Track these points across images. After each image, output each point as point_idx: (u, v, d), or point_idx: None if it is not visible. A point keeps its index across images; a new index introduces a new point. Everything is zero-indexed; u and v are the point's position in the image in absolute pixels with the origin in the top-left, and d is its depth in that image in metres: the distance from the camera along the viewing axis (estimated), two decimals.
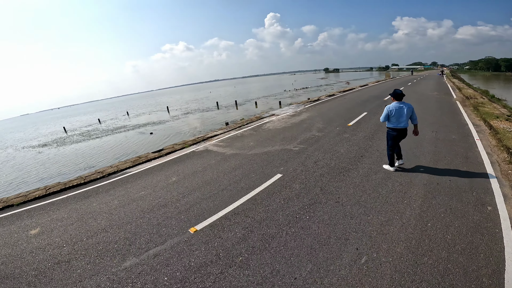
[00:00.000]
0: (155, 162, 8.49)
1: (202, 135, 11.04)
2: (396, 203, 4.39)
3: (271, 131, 10.38)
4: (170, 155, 9.04)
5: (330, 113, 12.78)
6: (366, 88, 24.53)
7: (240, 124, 12.30)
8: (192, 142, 10.00)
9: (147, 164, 8.45)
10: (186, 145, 9.70)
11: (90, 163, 15.83)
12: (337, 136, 8.78)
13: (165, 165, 8.01)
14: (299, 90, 51.69)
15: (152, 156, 9.02)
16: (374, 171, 5.79)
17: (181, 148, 9.46)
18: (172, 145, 10.13)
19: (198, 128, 24.09)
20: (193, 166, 7.53)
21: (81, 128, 38.72)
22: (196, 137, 10.69)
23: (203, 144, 9.76)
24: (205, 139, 10.22)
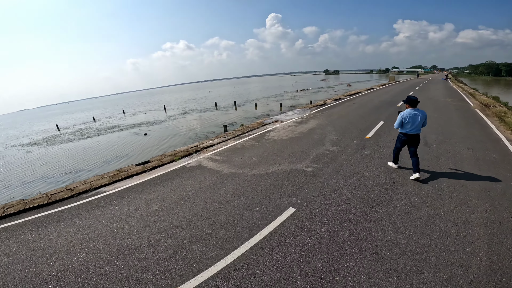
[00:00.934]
0: (137, 179, 6.94)
1: (196, 144, 9.42)
2: (456, 252, 3.32)
3: (277, 142, 8.78)
4: (156, 170, 7.46)
5: (341, 121, 11.24)
6: (373, 92, 22.87)
7: (240, 131, 10.72)
8: (183, 153, 8.40)
9: (127, 181, 6.89)
10: (176, 157, 8.13)
11: (77, 166, 14.55)
12: (356, 152, 7.24)
13: (148, 185, 6.45)
14: (300, 92, 50.22)
15: (135, 171, 7.46)
16: (416, 206, 4.40)
17: (169, 162, 7.88)
18: (160, 156, 8.55)
19: (194, 130, 22.63)
20: (182, 189, 5.97)
21: (75, 126, 37.21)
22: (189, 147, 9.08)
23: (196, 156, 8.15)
24: (198, 150, 8.59)
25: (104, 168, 13.75)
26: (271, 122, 11.95)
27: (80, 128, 33.61)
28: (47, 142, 26.31)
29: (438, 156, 6.59)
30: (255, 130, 10.78)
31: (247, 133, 10.50)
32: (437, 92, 21.68)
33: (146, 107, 53.38)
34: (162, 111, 41.00)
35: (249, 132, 10.62)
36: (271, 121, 12.11)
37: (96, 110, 70.35)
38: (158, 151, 16.37)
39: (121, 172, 7.58)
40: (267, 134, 10.08)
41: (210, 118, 28.06)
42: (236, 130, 11.17)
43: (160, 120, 30.58)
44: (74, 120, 47.51)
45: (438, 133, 8.62)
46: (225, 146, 8.90)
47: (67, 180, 12.08)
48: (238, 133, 10.25)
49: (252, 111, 29.69)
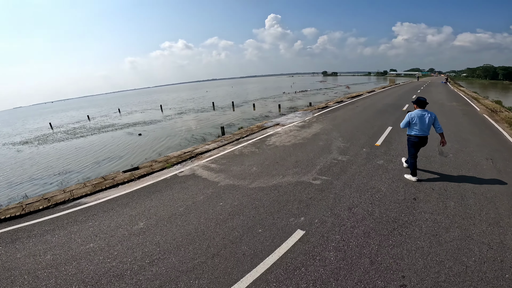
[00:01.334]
0: (123, 188, 6.17)
1: (190, 149, 8.63)
2: (495, 280, 2.87)
3: (279, 149, 8.00)
4: (145, 178, 6.68)
5: (347, 126, 10.53)
6: (375, 95, 22.16)
7: (238, 135, 9.95)
8: (176, 160, 7.62)
9: (111, 191, 6.12)
10: (168, 164, 7.35)
11: (67, 167, 13.88)
12: (367, 162, 6.53)
13: (134, 196, 5.69)
14: (298, 93, 49.56)
15: (121, 179, 6.69)
16: (444, 227, 3.83)
17: (160, 169, 7.10)
18: (150, 162, 7.76)
19: (191, 130, 21.87)
20: (172, 203, 5.22)
21: (68, 124, 36.26)
22: (182, 152, 8.29)
23: (189, 164, 7.36)
24: (193, 157, 7.80)
25: (94, 170, 13.06)
26: (271, 126, 11.24)
27: (73, 127, 32.72)
28: (39, 141, 25.52)
29: (457, 168, 5.97)
30: (255, 135, 10.03)
31: (246, 137, 9.73)
32: (440, 96, 21.16)
33: (143, 106, 52.44)
34: (158, 111, 40.14)
35: (248, 136, 9.86)
36: (272, 125, 11.39)
37: (92, 108, 69.18)
38: (152, 153, 15.62)
39: (105, 180, 6.82)
40: (268, 139, 9.31)
41: (207, 119, 27.31)
42: (234, 133, 10.40)
43: (156, 120, 29.76)
44: (68, 119, 46.50)
45: (452, 141, 8.01)
46: (222, 152, 8.12)
47: (55, 181, 11.45)
48: (236, 138, 9.48)
49: (250, 112, 28.98)
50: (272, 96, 45.89)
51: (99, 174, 11.63)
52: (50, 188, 10.55)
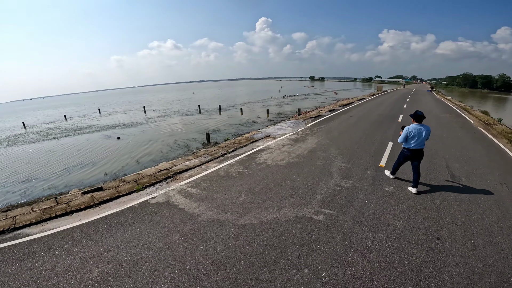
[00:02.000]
0: (78, 217, 4.91)
1: (167, 166, 7.21)
2: None
3: (271, 170, 6.79)
4: (107, 204, 5.37)
5: (344, 140, 9.48)
6: (366, 103, 21.27)
7: (224, 149, 8.64)
8: (149, 180, 6.29)
9: (63, 220, 4.88)
10: (139, 186, 6.02)
11: (34, 174, 12.58)
12: (375, 189, 5.51)
13: (90, 230, 4.45)
14: (287, 98, 48.85)
15: (78, 204, 5.34)
16: (477, 272, 3.21)
17: (128, 193, 5.77)
18: (117, 182, 6.39)
19: (174, 135, 20.42)
20: (139, 243, 3.98)
21: (43, 124, 33.68)
22: (157, 170, 6.93)
23: (165, 186, 6.06)
24: (169, 177, 6.49)
25: (63, 178, 11.70)
26: (261, 138, 10.09)
27: (47, 127, 30.35)
28: (8, 142, 23.30)
29: (474, 195, 5.27)
30: (243, 149, 8.80)
31: (233, 152, 8.51)
32: (430, 105, 20.84)
33: (126, 107, 50.00)
34: (141, 112, 38.16)
35: (236, 151, 8.64)
36: (262, 136, 10.26)
37: (72, 107, 65.60)
38: (129, 161, 14.17)
39: (58, 205, 5.45)
40: (258, 155, 8.09)
41: (192, 123, 25.86)
42: (220, 146, 9.07)
43: (137, 122, 27.97)
44: (44, 118, 43.48)
45: (460, 161, 7.28)
46: (204, 171, 6.83)
47: (18, 190, 10.30)
48: (221, 152, 8.20)
49: (237, 117, 27.79)
50: (260, 100, 44.89)
51: (68, 183, 10.58)
52: (12, 198, 9.32)
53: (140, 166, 12.84)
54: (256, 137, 9.99)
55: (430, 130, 5.22)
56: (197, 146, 16.85)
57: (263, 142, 9.56)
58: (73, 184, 10.47)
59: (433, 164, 6.96)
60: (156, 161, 14.34)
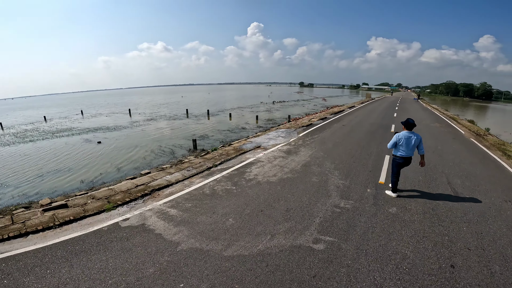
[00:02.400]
0: (34, 240, 4.19)
1: (145, 180, 6.33)
2: None
3: (262, 188, 6.05)
4: (70, 225, 4.57)
5: (339, 153, 8.90)
6: (357, 111, 20.84)
7: (211, 161, 7.86)
8: (123, 197, 5.44)
9: (16, 242, 4.19)
10: (110, 204, 5.18)
11: (4, 180, 11.77)
12: (378, 211, 4.94)
13: (46, 256, 3.74)
14: (276, 104, 48.55)
15: (36, 224, 4.49)
16: None
17: (97, 212, 4.96)
18: (85, 198, 5.52)
19: (159, 141, 19.48)
20: (105, 276, 3.27)
21: (20, 126, 31.81)
22: (133, 185, 6.06)
23: (140, 205, 5.25)
24: (147, 194, 5.69)
25: (35, 184, 10.93)
26: (251, 149, 9.31)
27: (25, 129, 28.65)
28: None
29: (482, 215, 4.90)
30: (231, 161, 8.04)
31: (220, 165, 7.72)
32: (419, 115, 20.84)
33: (111, 109, 48.24)
34: (126, 115, 36.78)
35: (223, 163, 7.83)
36: (252, 147, 9.52)
37: (53, 108, 62.83)
38: (109, 168, 13.23)
39: (13, 224, 4.61)
40: (248, 169, 7.30)
41: (179, 128, 24.92)
42: (206, 158, 8.18)
43: (121, 126, 26.74)
44: (23, 118, 41.23)
45: (460, 176, 6.94)
46: (187, 188, 6.02)
47: None
48: (207, 165, 7.37)
49: (226, 122, 27.08)
50: (250, 106, 44.36)
51: (40, 191, 10.02)
52: None
53: (120, 174, 12.13)
54: (245, 148, 9.31)
55: (421, 138, 5.21)
56: (183, 153, 16.02)
57: (253, 154, 8.81)
58: (45, 193, 9.83)
59: (434, 180, 6.53)
60: (138, 168, 13.44)
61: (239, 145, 9.64)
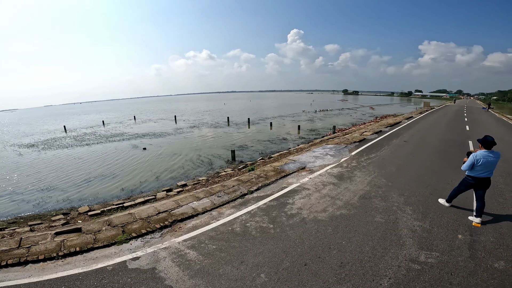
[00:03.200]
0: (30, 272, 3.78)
1: (169, 206, 5.33)
2: None
3: (308, 228, 4.57)
4: (75, 257, 3.86)
5: (407, 179, 6.92)
6: (417, 123, 17.46)
7: (246, 184, 6.67)
8: (139, 228, 4.56)
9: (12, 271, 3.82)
10: (123, 236, 4.35)
11: (54, 182, 12.74)
12: (478, 268, 3.29)
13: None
14: (319, 112, 46.25)
15: (38, 252, 3.87)
16: None
17: (107, 245, 4.16)
18: (101, 224, 4.82)
19: (199, 149, 19.31)
20: None
21: (81, 129, 35.31)
22: (155, 212, 5.12)
23: (157, 241, 4.31)
24: (166, 226, 4.78)
25: (81, 189, 11.49)
26: (294, 171, 7.75)
27: (84, 132, 31.61)
28: (45, 145, 24.47)
29: None
30: (270, 187, 6.61)
31: (257, 191, 6.39)
32: (499, 129, 16.92)
33: (159, 115, 51.16)
34: (172, 121, 38.37)
35: (260, 189, 6.50)
36: (295, 168, 7.99)
37: (112, 113, 69.32)
38: (149, 176, 13.40)
39: (18, 248, 4.09)
40: (290, 199, 5.84)
41: (219, 136, 24.68)
42: (241, 180, 6.75)
43: (166, 133, 27.63)
44: (86, 122, 45.97)
45: None
46: (214, 222, 4.94)
47: (33, 200, 10.36)
48: (241, 190, 6.23)
49: (266, 132, 26.09)
50: (291, 114, 42.86)
51: (82, 197, 10.54)
52: (24, 207, 9.46)
53: (159, 184, 12.11)
54: (287, 169, 7.87)
55: (500, 156, 4.52)
56: (221, 164, 15.38)
57: (297, 178, 7.21)
58: (86, 199, 10.29)
59: None
60: (175, 179, 13.13)
61: (280, 164, 8.24)
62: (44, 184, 12.64)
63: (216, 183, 11.22)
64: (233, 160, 15.91)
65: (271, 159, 14.65)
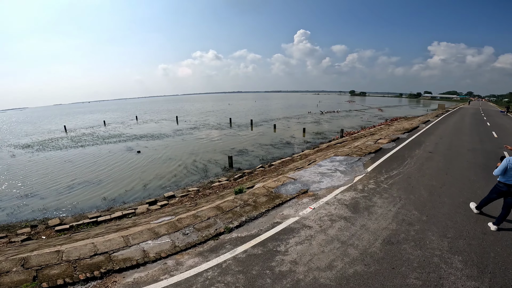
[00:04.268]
0: None
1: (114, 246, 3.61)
2: None
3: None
4: None
5: (447, 210, 4.95)
6: (437, 128, 15.07)
7: (226, 216, 4.85)
8: (57, 276, 2.88)
9: None
10: (32, 285, 2.88)
11: (36, 188, 11.99)
12: None
13: None
14: (325, 114, 44.35)
15: None
16: None
17: None
18: (16, 262, 3.31)
19: (195, 154, 18.00)
20: None
21: (81, 129, 34.51)
22: (91, 253, 3.40)
23: None
24: (94, 278, 3.13)
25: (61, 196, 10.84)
26: (294, 196, 5.72)
27: (83, 133, 30.76)
28: (40, 146, 23.82)
29: None
30: (257, 222, 4.71)
31: (237, 229, 4.49)
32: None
33: (162, 115, 50.12)
34: (174, 122, 37.14)
35: (243, 225, 4.62)
36: (295, 192, 5.94)
37: (117, 112, 68.84)
38: (137, 184, 12.37)
39: None
40: (282, 245, 3.96)
41: (219, 139, 23.17)
42: (221, 209, 5.14)
43: (164, 134, 26.33)
44: (88, 122, 45.36)
45: None
46: (165, 279, 3.24)
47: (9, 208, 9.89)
48: (216, 228, 4.43)
49: (269, 135, 24.46)
50: (296, 116, 41.08)
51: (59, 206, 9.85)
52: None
53: (145, 194, 11.11)
54: (284, 193, 5.87)
55: None
56: (217, 171, 13.90)
57: (295, 208, 5.20)
58: (63, 208, 9.66)
59: None
60: (164, 188, 11.79)
61: (276, 185, 6.30)
62: (26, 190, 11.89)
63: (206, 196, 9.71)
64: (230, 167, 14.37)
65: (272, 167, 13.10)
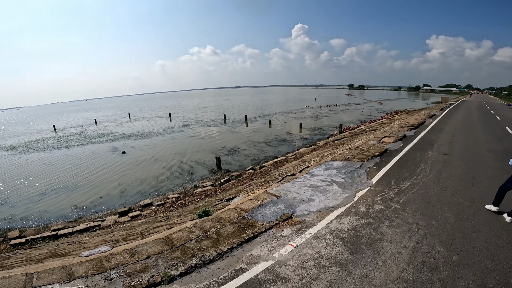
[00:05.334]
0: None
1: None
2: None
3: None
4: None
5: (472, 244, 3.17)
6: (445, 123, 13.12)
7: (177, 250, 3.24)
8: None
9: None
10: None
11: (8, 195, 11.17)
12: None
13: None
14: (324, 108, 42.86)
15: None
16: None
17: None
18: None
19: (183, 154, 16.64)
20: None
21: (71, 128, 33.15)
22: None
23: None
24: None
25: (31, 205, 9.99)
26: (272, 226, 3.81)
27: (72, 132, 29.48)
28: (25, 147, 22.61)
29: None
30: (213, 266, 3.00)
31: (181, 278, 2.82)
32: None
33: (157, 112, 48.58)
34: (167, 119, 35.68)
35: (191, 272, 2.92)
36: (274, 217, 4.03)
37: (111, 110, 67.23)
38: (113, 189, 11.42)
39: None
40: None
41: (210, 137, 21.77)
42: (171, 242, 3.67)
43: (154, 133, 24.95)
44: (80, 121, 44.00)
45: None
46: None
47: None
48: (154, 275, 2.80)
49: (264, 131, 23.08)
50: (294, 110, 39.58)
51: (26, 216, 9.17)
52: None
53: (120, 200, 10.16)
54: (260, 220, 4.00)
55: None
56: (204, 173, 12.58)
57: (270, 246, 3.39)
58: (28, 218, 9.02)
59: None
60: (143, 194, 10.54)
61: (251, 206, 4.43)
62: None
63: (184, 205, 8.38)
64: (218, 168, 13.00)
65: (262, 170, 11.73)
